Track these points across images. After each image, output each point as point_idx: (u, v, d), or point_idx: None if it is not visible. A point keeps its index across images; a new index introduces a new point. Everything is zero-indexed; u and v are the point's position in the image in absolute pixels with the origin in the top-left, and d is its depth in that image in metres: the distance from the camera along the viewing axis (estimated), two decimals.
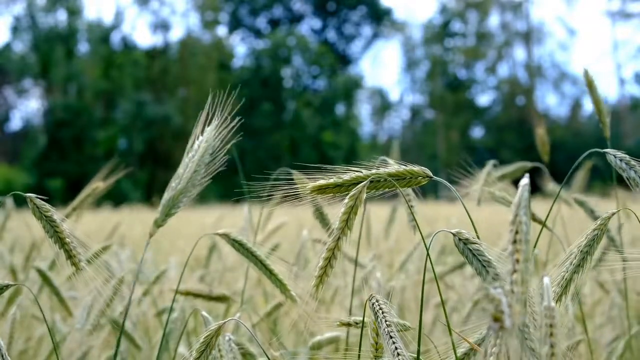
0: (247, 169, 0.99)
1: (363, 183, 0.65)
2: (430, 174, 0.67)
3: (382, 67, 38.02)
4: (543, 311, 0.52)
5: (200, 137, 0.71)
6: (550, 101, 33.67)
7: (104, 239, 1.68)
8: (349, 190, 0.66)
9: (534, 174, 1.37)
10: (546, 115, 25.94)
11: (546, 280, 0.54)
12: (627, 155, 0.73)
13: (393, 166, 0.67)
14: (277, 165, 0.84)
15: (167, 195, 0.69)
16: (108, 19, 30.87)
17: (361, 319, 0.75)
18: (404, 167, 0.67)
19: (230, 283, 1.84)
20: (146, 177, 21.48)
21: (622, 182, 0.75)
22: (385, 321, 0.64)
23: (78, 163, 21.16)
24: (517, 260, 0.46)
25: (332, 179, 0.66)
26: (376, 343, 0.67)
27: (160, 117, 22.85)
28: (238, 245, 0.83)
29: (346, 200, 0.65)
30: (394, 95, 40.86)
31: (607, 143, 1.00)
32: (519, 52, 30.11)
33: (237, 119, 0.71)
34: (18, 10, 25.10)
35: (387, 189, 0.67)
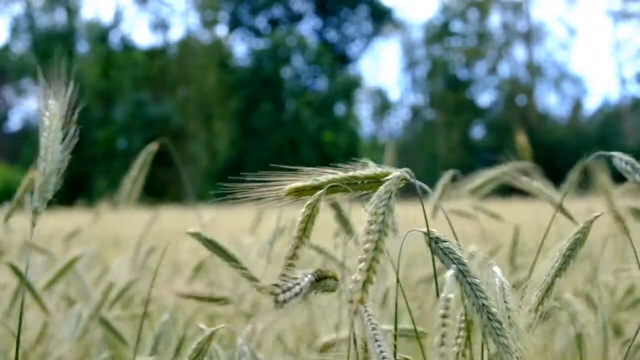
0: (247, 169, 0.98)
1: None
2: (408, 176, 0.62)
3: (382, 67, 38.02)
4: (440, 302, 0.52)
5: (47, 113, 0.70)
6: (551, 101, 33.66)
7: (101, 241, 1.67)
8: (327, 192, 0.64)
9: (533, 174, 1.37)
10: (546, 115, 25.97)
11: (450, 273, 0.55)
12: (633, 159, 0.72)
13: (370, 168, 0.64)
14: (278, 165, 0.83)
15: (38, 181, 0.69)
16: (107, 19, 30.85)
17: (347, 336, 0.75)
18: (380, 169, 0.64)
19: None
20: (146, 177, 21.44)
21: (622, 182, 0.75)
22: (371, 324, 0.64)
23: (77, 163, 21.11)
24: (366, 250, 0.46)
25: (309, 181, 0.64)
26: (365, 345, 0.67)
27: (160, 117, 22.83)
28: (210, 244, 0.82)
29: (303, 209, 0.63)
30: (394, 95, 40.77)
31: (608, 142, 1.00)
32: (519, 52, 30.08)
33: (72, 82, 0.70)
34: (17, 10, 25.12)
35: (363, 191, 0.63)
